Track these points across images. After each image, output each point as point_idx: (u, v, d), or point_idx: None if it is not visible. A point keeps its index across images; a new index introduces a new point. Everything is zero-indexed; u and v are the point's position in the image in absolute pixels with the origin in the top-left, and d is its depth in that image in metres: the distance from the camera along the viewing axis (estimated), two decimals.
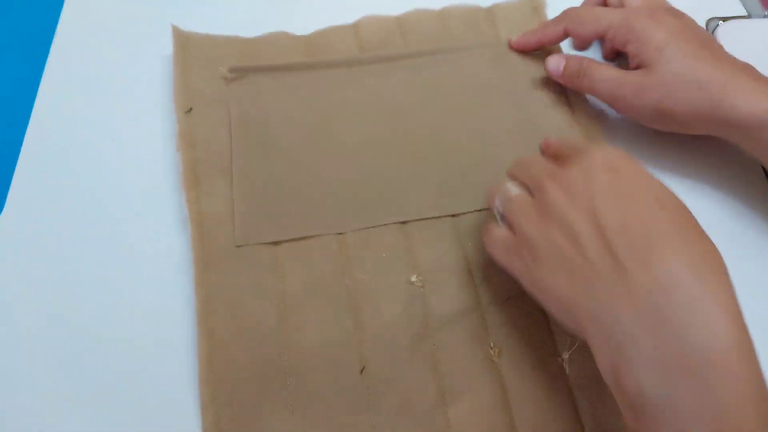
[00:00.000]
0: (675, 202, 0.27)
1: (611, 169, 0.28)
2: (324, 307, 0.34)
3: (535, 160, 0.32)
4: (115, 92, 0.43)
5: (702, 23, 0.47)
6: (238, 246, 0.35)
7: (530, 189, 0.31)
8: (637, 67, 0.38)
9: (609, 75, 0.39)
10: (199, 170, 0.37)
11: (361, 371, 0.32)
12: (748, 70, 0.36)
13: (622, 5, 0.41)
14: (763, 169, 0.40)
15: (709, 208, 0.39)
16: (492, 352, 0.33)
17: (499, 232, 0.31)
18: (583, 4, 0.44)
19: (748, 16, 0.48)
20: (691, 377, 0.23)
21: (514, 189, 0.31)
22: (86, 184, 0.39)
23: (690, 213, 0.27)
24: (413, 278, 0.35)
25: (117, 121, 0.41)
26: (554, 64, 0.41)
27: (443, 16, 0.46)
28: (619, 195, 0.27)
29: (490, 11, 0.47)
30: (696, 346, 0.23)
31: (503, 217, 0.32)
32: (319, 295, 0.34)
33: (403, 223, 0.37)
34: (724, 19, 0.47)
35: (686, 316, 0.24)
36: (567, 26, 0.41)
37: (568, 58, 0.41)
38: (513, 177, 0.33)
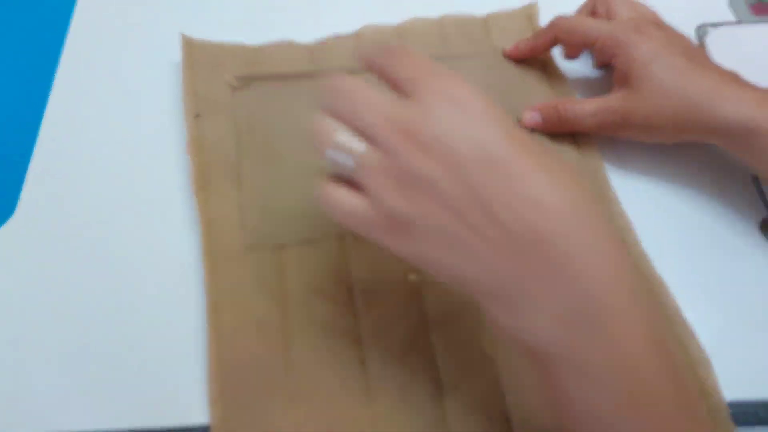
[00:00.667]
0: (521, 132, 0.26)
1: (454, 102, 0.25)
2: (326, 306, 0.35)
3: (363, 95, 0.26)
4: (125, 98, 0.43)
5: (692, 30, 0.47)
6: (246, 247, 0.36)
7: (369, 139, 0.26)
8: (623, 80, 0.39)
9: (590, 109, 0.39)
10: (208, 173, 0.39)
11: (361, 366, 0.33)
12: (734, 78, 0.37)
13: (609, 17, 0.41)
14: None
15: (697, 212, 0.39)
16: (487, 344, 0.34)
17: (353, 203, 0.27)
18: (574, 14, 0.45)
19: (738, 23, 0.48)
20: (589, 325, 0.23)
21: (355, 144, 0.26)
22: (97, 188, 0.39)
23: (536, 138, 0.25)
24: (412, 276, 0.36)
25: (127, 126, 0.42)
26: (530, 118, 0.41)
27: (441, 25, 0.47)
28: (470, 136, 0.24)
29: (485, 20, 0.48)
30: (588, 292, 0.23)
31: (349, 178, 0.27)
32: (321, 294, 0.35)
33: None
34: (714, 25, 0.48)
35: (572, 263, 0.23)
36: (557, 35, 0.42)
37: (540, 108, 0.41)
38: (342, 117, 0.27)
